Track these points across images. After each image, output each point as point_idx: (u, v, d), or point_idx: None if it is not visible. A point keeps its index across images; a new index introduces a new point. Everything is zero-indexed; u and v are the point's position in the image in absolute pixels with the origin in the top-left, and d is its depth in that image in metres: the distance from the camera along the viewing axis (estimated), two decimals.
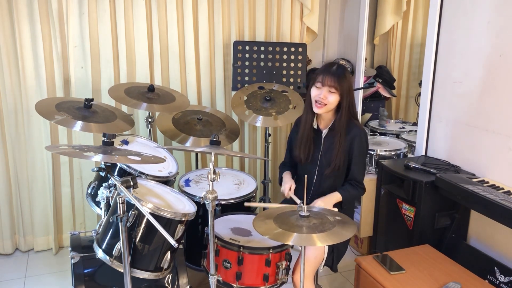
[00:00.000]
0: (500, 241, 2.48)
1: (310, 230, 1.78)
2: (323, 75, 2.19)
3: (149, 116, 3.02)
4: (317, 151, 2.33)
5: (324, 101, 2.19)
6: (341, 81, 2.17)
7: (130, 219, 1.92)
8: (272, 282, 2.13)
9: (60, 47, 3.06)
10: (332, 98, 2.19)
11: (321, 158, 2.31)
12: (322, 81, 2.18)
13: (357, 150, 2.26)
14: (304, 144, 2.34)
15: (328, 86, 2.17)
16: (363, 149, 2.29)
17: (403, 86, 4.09)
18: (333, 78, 2.16)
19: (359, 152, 2.27)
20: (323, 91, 2.18)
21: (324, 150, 2.30)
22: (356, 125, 2.26)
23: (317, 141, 2.34)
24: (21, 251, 3.29)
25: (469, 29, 2.63)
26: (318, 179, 2.34)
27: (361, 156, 2.29)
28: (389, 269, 2.26)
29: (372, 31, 3.95)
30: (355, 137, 2.23)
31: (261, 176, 3.71)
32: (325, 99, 2.19)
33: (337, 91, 2.18)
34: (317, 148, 2.33)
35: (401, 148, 3.22)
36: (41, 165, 3.16)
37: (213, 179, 1.94)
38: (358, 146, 2.25)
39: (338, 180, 2.34)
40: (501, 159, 2.47)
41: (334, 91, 2.18)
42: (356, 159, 2.27)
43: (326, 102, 2.19)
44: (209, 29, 3.39)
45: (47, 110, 2.40)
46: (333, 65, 2.22)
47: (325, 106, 2.20)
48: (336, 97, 2.19)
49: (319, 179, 2.34)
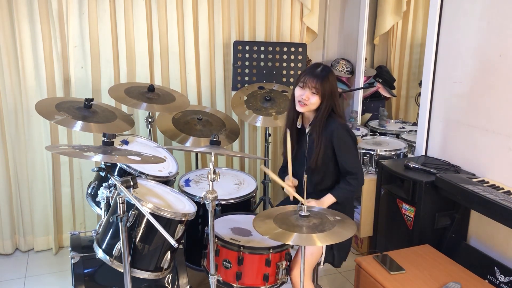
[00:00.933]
0: (500, 241, 2.48)
1: (310, 230, 1.79)
2: (307, 76, 2.22)
3: (149, 116, 3.02)
4: (303, 150, 2.34)
5: (306, 102, 2.22)
6: (323, 83, 2.19)
7: (130, 219, 1.92)
8: (272, 282, 2.13)
9: (60, 47, 3.07)
10: (314, 99, 2.21)
11: (307, 156, 2.32)
12: (305, 82, 2.21)
13: (338, 142, 2.23)
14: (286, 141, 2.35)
15: (311, 87, 2.20)
16: (344, 140, 2.25)
17: (403, 86, 4.09)
18: (315, 80, 2.19)
19: (341, 144, 2.24)
20: (306, 91, 2.21)
21: (308, 148, 2.31)
22: (334, 121, 2.25)
23: (302, 140, 2.35)
24: (21, 251, 3.29)
25: (469, 29, 2.63)
26: (308, 179, 2.34)
27: (345, 148, 2.25)
28: (389, 269, 2.26)
29: (372, 31, 3.95)
30: (333, 131, 2.22)
31: (261, 176, 3.70)
32: (307, 100, 2.21)
33: (319, 93, 2.20)
34: (302, 147, 2.35)
35: (401, 148, 3.22)
36: (41, 165, 3.16)
37: (213, 179, 1.94)
38: (338, 138, 2.23)
39: (327, 176, 2.32)
40: (501, 159, 2.47)
41: (315, 92, 2.20)
42: (341, 152, 2.25)
43: (307, 102, 2.22)
44: (209, 29, 3.39)
45: (47, 110, 2.40)
46: (318, 67, 2.25)
47: (306, 106, 2.23)
48: (317, 99, 2.21)
49: (309, 179, 2.34)
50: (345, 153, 2.26)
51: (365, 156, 3.16)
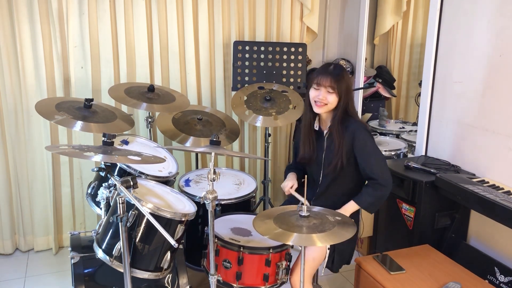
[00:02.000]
0: (500, 241, 2.48)
1: (310, 230, 1.79)
2: (320, 76, 2.20)
3: (149, 116, 3.02)
4: (321, 152, 2.32)
5: (324, 101, 2.19)
6: (338, 80, 2.17)
7: (130, 219, 1.92)
8: (272, 282, 2.13)
9: (60, 47, 3.06)
10: (331, 98, 2.19)
11: (325, 159, 2.31)
12: (320, 82, 2.19)
13: (360, 144, 2.19)
14: (308, 145, 2.33)
15: (326, 86, 2.18)
16: (367, 142, 2.20)
17: (403, 86, 4.09)
18: (330, 78, 2.17)
19: (363, 146, 2.19)
20: (322, 91, 2.19)
21: (326, 151, 2.30)
22: (354, 121, 2.22)
23: (320, 142, 2.33)
24: (21, 251, 3.29)
25: (469, 29, 2.63)
26: (324, 181, 2.32)
27: (367, 150, 2.19)
28: (389, 269, 2.26)
29: (372, 31, 3.95)
30: (354, 131, 2.19)
31: (261, 176, 3.70)
32: (324, 99, 2.19)
33: (335, 91, 2.18)
34: (320, 149, 2.32)
35: (401, 148, 3.22)
36: (41, 165, 3.16)
37: (213, 179, 1.94)
38: (360, 140, 2.19)
39: (344, 181, 2.28)
40: (501, 159, 2.47)
41: (331, 91, 2.18)
42: (364, 155, 2.20)
43: (326, 102, 2.19)
44: (209, 29, 3.39)
45: (47, 110, 2.40)
46: (330, 65, 2.23)
47: (325, 105, 2.20)
48: (335, 96, 2.19)
49: (324, 181, 2.32)
50: (369, 155, 2.20)
51: None
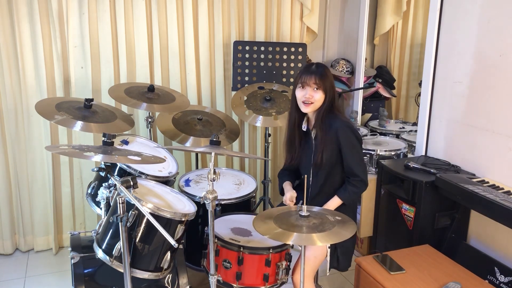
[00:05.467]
0: (500, 241, 2.48)
1: (310, 230, 1.79)
2: (304, 75, 2.23)
3: (149, 116, 3.02)
4: (310, 151, 2.34)
5: (310, 100, 2.22)
6: (322, 78, 2.20)
7: (130, 219, 1.92)
8: (272, 282, 2.13)
9: (60, 47, 3.07)
10: (318, 96, 2.22)
11: (314, 158, 2.32)
12: (305, 81, 2.22)
13: (344, 141, 2.22)
14: (294, 145, 2.37)
15: (310, 84, 2.21)
16: (350, 139, 2.23)
17: (403, 86, 4.09)
18: (314, 76, 2.20)
19: (346, 143, 2.22)
20: (308, 90, 2.22)
21: (314, 149, 2.31)
22: (338, 118, 2.24)
23: (309, 142, 2.35)
24: (21, 251, 3.29)
25: (469, 29, 2.63)
26: (314, 180, 2.34)
27: (350, 148, 2.23)
28: (389, 269, 2.26)
29: (372, 31, 3.95)
30: (338, 129, 2.22)
31: (261, 176, 3.71)
32: (311, 98, 2.21)
33: (321, 88, 2.21)
34: (309, 148, 2.34)
35: (401, 148, 3.22)
36: (41, 165, 3.16)
37: (213, 179, 1.94)
38: (343, 137, 2.22)
39: (332, 177, 2.31)
40: (501, 159, 2.47)
41: (317, 88, 2.21)
42: (346, 152, 2.24)
43: (313, 100, 2.22)
44: (209, 29, 3.39)
45: (47, 110, 2.40)
46: (313, 65, 2.26)
47: (312, 104, 2.23)
48: (321, 94, 2.21)
49: (315, 180, 2.34)
50: (350, 153, 2.24)
51: (365, 156, 3.16)
